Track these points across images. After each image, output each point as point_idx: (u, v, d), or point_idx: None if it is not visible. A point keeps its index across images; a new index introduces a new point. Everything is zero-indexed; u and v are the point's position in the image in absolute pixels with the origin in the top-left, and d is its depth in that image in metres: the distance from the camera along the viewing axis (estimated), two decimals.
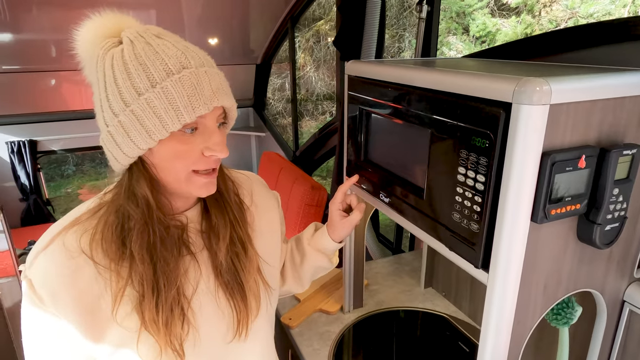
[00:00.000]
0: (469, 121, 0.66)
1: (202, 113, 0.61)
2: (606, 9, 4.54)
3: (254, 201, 0.84)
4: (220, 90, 0.63)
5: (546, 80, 0.58)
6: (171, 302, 0.66)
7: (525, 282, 0.68)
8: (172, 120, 0.59)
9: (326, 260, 0.95)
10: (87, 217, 0.67)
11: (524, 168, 0.61)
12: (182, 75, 0.59)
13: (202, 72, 0.62)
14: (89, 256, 0.64)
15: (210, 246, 0.73)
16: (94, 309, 0.64)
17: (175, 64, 0.60)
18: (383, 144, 0.95)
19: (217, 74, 0.65)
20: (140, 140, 0.61)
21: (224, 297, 0.74)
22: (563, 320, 0.83)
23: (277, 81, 7.39)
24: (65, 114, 3.29)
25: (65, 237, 0.65)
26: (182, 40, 0.65)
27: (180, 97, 0.59)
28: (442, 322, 1.29)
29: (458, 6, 5.66)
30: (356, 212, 0.93)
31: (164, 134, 0.60)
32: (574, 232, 0.71)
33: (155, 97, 0.59)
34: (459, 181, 0.70)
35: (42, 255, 0.64)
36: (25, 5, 2.48)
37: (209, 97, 0.61)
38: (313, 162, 2.88)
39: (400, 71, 0.84)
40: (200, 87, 0.61)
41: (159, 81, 0.59)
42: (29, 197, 3.35)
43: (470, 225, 0.70)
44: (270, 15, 2.93)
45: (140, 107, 0.59)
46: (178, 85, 0.59)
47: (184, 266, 0.70)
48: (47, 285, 0.63)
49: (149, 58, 0.60)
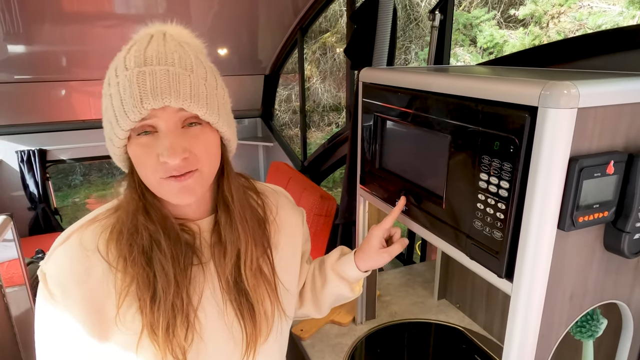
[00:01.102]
0: (492, 126, 0.65)
1: (137, 118, 0.57)
2: (614, 21, 4.54)
3: (279, 215, 0.81)
4: (159, 90, 0.56)
5: (574, 84, 0.57)
6: (173, 306, 0.64)
7: (551, 292, 0.66)
8: (114, 127, 0.60)
9: (348, 289, 0.88)
10: (104, 217, 0.67)
11: (550, 174, 0.59)
12: (119, 80, 0.58)
13: (138, 72, 0.57)
14: (103, 255, 0.64)
15: (219, 261, 0.71)
16: (101, 308, 0.64)
17: (121, 66, 0.59)
18: (399, 151, 0.94)
19: (166, 71, 0.57)
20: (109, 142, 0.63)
21: (233, 315, 0.71)
22: (588, 333, 0.80)
23: (284, 93, 7.43)
24: (74, 123, 3.32)
25: (83, 234, 0.65)
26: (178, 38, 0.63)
27: (116, 103, 0.58)
28: (457, 335, 1.26)
29: (465, 18, 5.70)
30: (397, 245, 0.87)
31: (118, 141, 0.61)
32: (600, 240, 0.69)
33: (108, 102, 0.60)
34: (481, 188, 0.69)
35: (58, 250, 0.64)
36: (37, 17, 2.51)
37: (140, 99, 0.56)
38: (321, 172, 2.87)
39: (420, 77, 0.83)
40: (131, 89, 0.57)
41: (108, 87, 0.60)
42: (37, 206, 3.36)
43: (493, 233, 0.68)
44: (280, 26, 2.95)
45: (105, 110, 0.62)
46: (116, 91, 0.58)
47: (191, 275, 0.68)
48: (59, 281, 0.63)
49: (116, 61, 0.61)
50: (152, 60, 0.58)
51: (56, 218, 3.50)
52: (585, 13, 4.79)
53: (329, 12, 6.99)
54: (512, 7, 5.67)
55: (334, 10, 6.99)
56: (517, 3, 5.63)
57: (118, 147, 0.62)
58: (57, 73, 3.08)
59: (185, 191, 0.62)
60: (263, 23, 3.00)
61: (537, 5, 5.11)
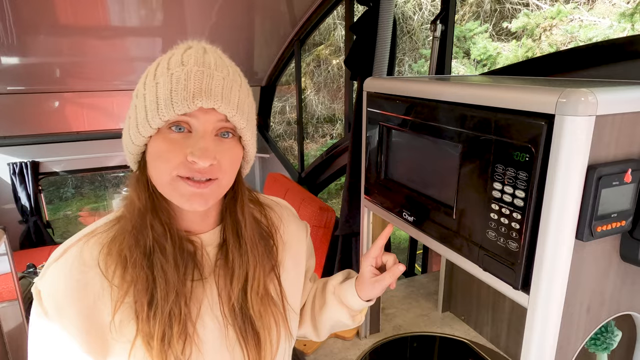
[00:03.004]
0: (506, 135, 0.64)
1: (182, 111, 0.57)
2: (605, 33, 4.62)
3: (284, 230, 0.78)
4: (213, 92, 0.58)
5: (591, 91, 0.56)
6: (170, 314, 0.61)
7: (568, 303, 0.64)
8: (153, 115, 0.58)
9: (347, 316, 0.82)
10: (103, 230, 0.65)
11: (568, 182, 0.58)
12: (174, 72, 0.58)
13: (197, 70, 0.58)
14: (103, 270, 0.61)
15: (225, 284, 0.68)
16: (100, 326, 0.61)
17: (177, 62, 0.59)
18: (405, 161, 0.93)
19: (222, 77, 0.59)
20: (134, 135, 0.61)
21: (235, 339, 0.68)
22: (603, 345, 0.78)
23: (278, 104, 7.46)
24: (68, 135, 3.28)
25: (80, 249, 0.62)
26: (218, 54, 0.64)
27: (164, 92, 0.57)
28: (463, 348, 1.23)
29: (459, 31, 5.77)
30: (387, 274, 0.77)
31: (149, 129, 0.59)
32: (616, 250, 0.67)
33: (149, 92, 0.59)
34: (495, 197, 0.67)
35: (54, 266, 0.62)
36: (31, 28, 2.49)
37: (193, 95, 0.57)
38: (319, 183, 2.85)
39: (429, 86, 0.82)
40: (186, 83, 0.57)
41: (158, 77, 0.59)
42: (29, 219, 3.29)
43: (508, 244, 0.66)
44: (276, 37, 2.96)
45: (139, 102, 0.60)
46: (167, 81, 0.58)
47: (192, 286, 0.66)
48: (54, 298, 0.60)
49: (166, 59, 0.61)
50: (210, 65, 0.59)
51: (48, 231, 3.44)
52: (577, 26, 4.88)
53: (323, 25, 7.06)
54: (504, 20, 5.76)
55: (327, 23, 7.06)
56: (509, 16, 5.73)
57: (144, 136, 0.60)
58: (51, 84, 3.04)
59: (199, 197, 0.60)
60: (260, 35, 3.01)
61: (530, 18, 5.20)
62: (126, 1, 2.40)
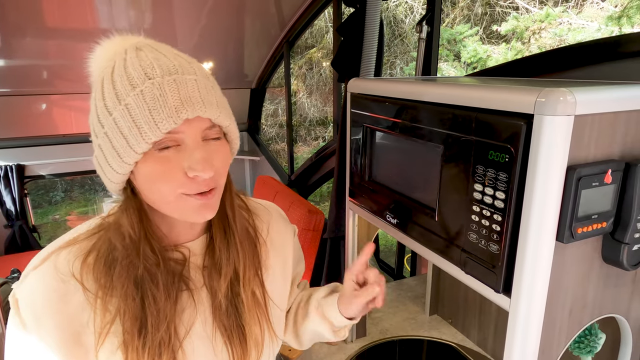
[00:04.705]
0: (487, 135, 0.63)
1: (168, 128, 0.53)
2: (593, 36, 4.67)
3: (270, 235, 0.76)
4: (193, 99, 0.54)
5: (570, 90, 0.55)
6: (160, 343, 0.59)
7: (550, 306, 0.63)
8: (137, 140, 0.53)
9: (328, 330, 0.78)
10: (84, 238, 0.62)
11: (548, 183, 0.57)
12: (144, 88, 0.53)
13: (169, 81, 0.54)
14: (79, 281, 0.59)
15: (211, 284, 0.66)
16: (78, 339, 0.59)
17: (139, 75, 0.54)
18: (389, 162, 0.92)
19: (194, 80, 0.56)
20: (115, 164, 0.56)
21: (221, 341, 0.67)
22: (587, 349, 0.77)
23: (270, 107, 7.43)
24: (55, 138, 3.23)
25: (58, 258, 0.60)
26: (169, 49, 0.59)
27: (141, 113, 0.53)
28: (450, 352, 1.22)
29: (449, 34, 5.80)
30: (369, 289, 0.73)
31: (134, 155, 0.54)
32: (598, 252, 0.67)
33: (120, 116, 0.54)
34: (476, 199, 0.66)
35: (32, 275, 0.59)
36: (18, 30, 2.46)
37: (175, 109, 0.53)
38: (309, 186, 2.84)
39: (411, 86, 0.81)
40: (164, 98, 0.53)
41: (124, 97, 0.54)
42: (14, 223, 3.24)
43: (489, 246, 0.65)
44: (266, 39, 2.95)
45: (110, 129, 0.55)
46: (139, 100, 0.53)
47: (181, 305, 0.64)
48: (32, 308, 0.57)
49: (120, 73, 0.55)
50: (177, 69, 0.55)
51: (34, 236, 3.38)
52: (565, 29, 4.92)
53: (315, 28, 7.06)
54: (494, 23, 5.80)
55: (319, 26, 7.06)
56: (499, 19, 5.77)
57: (129, 163, 0.55)
58: (38, 86, 3.00)
59: (207, 208, 0.59)
60: (249, 37, 2.99)
61: (519, 21, 5.24)
62: (114, 3, 2.37)
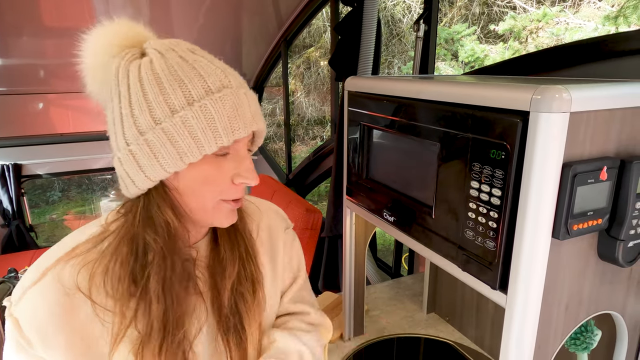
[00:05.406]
0: (483, 132, 0.63)
1: (241, 136, 0.57)
2: (590, 36, 4.68)
3: (260, 235, 0.76)
4: (257, 113, 0.61)
5: (565, 87, 0.55)
6: (178, 343, 0.60)
7: (546, 303, 0.64)
8: (209, 141, 0.55)
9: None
10: (88, 248, 0.59)
11: (544, 180, 0.57)
12: (222, 95, 0.55)
13: (242, 93, 0.58)
14: (86, 295, 0.57)
15: (216, 284, 0.66)
16: (88, 351, 0.58)
17: (215, 82, 0.56)
18: (386, 160, 0.92)
19: (254, 96, 0.61)
20: (169, 161, 0.54)
21: (222, 342, 0.67)
22: (583, 345, 0.78)
23: (268, 106, 7.43)
24: (52, 137, 3.22)
25: (61, 271, 0.57)
26: (217, 59, 0.60)
27: (220, 118, 0.55)
28: (447, 349, 1.22)
29: (446, 33, 5.81)
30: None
31: (197, 156, 0.55)
32: (594, 249, 0.67)
33: (193, 116, 0.54)
34: (472, 196, 0.67)
35: (32, 291, 0.56)
36: (14, 29, 2.45)
37: (249, 120, 0.58)
38: (307, 185, 2.84)
39: (408, 84, 0.81)
40: (242, 109, 0.57)
41: (197, 99, 0.54)
42: (11, 222, 3.23)
43: (485, 243, 0.66)
44: (263, 38, 2.95)
45: (173, 125, 0.54)
46: (219, 105, 0.55)
47: (192, 305, 0.64)
48: (36, 326, 0.55)
49: (186, 73, 0.55)
50: (241, 83, 0.60)
51: (31, 235, 3.37)
52: (562, 29, 4.94)
53: (313, 28, 7.06)
54: (491, 22, 5.81)
55: (317, 25, 7.06)
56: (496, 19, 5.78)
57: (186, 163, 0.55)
58: (35, 85, 2.99)
59: (235, 213, 0.64)
60: (247, 36, 2.99)
61: (516, 21, 5.26)
62: (111, 2, 2.37)
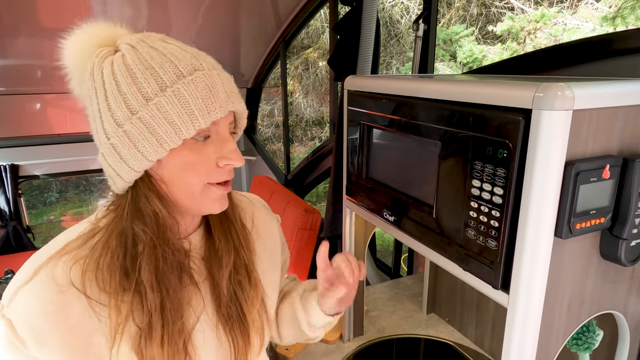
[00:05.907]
0: (484, 131, 0.63)
1: (217, 117, 0.56)
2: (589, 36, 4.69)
3: (255, 226, 0.77)
4: (234, 93, 0.59)
5: (568, 85, 0.55)
6: (177, 333, 0.59)
7: (548, 303, 0.63)
8: (186, 125, 0.54)
9: (305, 323, 0.77)
10: (79, 245, 0.59)
11: (546, 178, 0.57)
12: (194, 77, 0.55)
13: (215, 74, 0.57)
14: (80, 290, 0.56)
15: (212, 274, 0.66)
16: (85, 348, 0.57)
17: (186, 66, 0.56)
18: (386, 159, 0.91)
19: (229, 77, 0.60)
20: (149, 149, 0.54)
21: (224, 331, 0.67)
22: (584, 345, 0.77)
23: (266, 107, 7.42)
24: (49, 137, 3.21)
25: (53, 269, 0.56)
26: (188, 46, 0.60)
27: (194, 100, 0.54)
28: (447, 350, 1.22)
29: (445, 34, 5.82)
30: (336, 289, 0.72)
31: (177, 141, 0.55)
32: (596, 248, 0.66)
33: (167, 102, 0.54)
34: (474, 195, 0.66)
35: (24, 291, 0.55)
36: (12, 30, 2.44)
37: (224, 100, 0.57)
38: (305, 186, 2.83)
39: (408, 83, 0.81)
40: (215, 89, 0.56)
41: (169, 84, 0.54)
42: (7, 223, 3.21)
43: (487, 242, 0.65)
44: (262, 39, 2.94)
45: (149, 113, 0.54)
46: (191, 88, 0.54)
47: (187, 296, 0.64)
48: (30, 326, 0.54)
49: (156, 61, 0.55)
50: (214, 65, 0.59)
51: (28, 236, 3.35)
52: (560, 29, 4.95)
53: (311, 29, 7.06)
54: (489, 23, 5.82)
55: (315, 26, 7.06)
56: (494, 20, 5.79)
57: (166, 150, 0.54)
58: (32, 85, 2.98)
59: (225, 199, 0.63)
60: (245, 36, 2.98)
61: (514, 21, 5.26)
62: (109, 2, 2.36)
